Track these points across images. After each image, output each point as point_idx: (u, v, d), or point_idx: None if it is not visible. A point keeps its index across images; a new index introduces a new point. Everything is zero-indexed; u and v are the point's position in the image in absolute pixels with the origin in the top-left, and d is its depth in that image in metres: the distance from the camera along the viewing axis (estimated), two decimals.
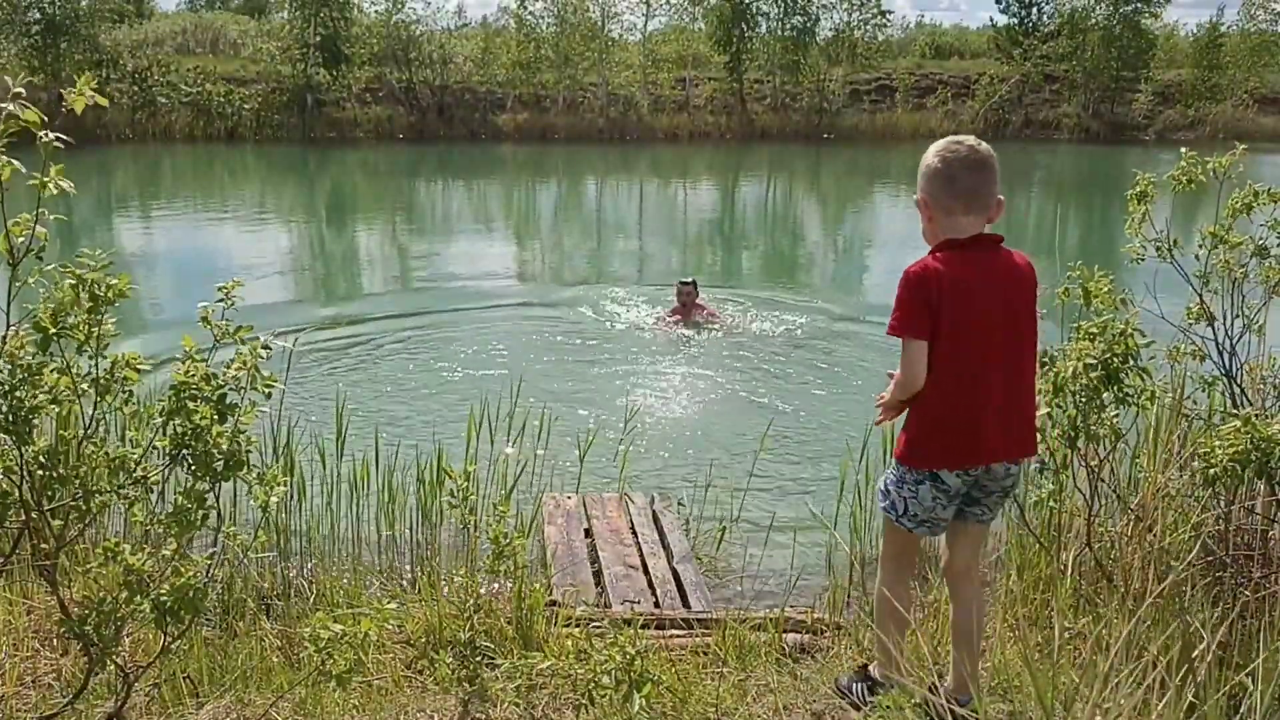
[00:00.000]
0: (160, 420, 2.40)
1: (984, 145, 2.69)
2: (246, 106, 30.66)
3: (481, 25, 40.21)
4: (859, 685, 3.09)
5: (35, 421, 2.30)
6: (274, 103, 31.22)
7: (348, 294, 11.83)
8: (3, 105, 2.07)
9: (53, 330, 2.25)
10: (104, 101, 2.25)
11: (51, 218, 2.23)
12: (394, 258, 14.95)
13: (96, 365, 2.35)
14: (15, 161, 2.15)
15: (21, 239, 2.18)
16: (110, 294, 2.30)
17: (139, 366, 2.39)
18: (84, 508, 2.37)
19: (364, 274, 13.58)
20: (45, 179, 2.16)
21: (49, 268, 2.27)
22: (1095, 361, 2.99)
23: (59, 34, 29.21)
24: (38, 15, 29.30)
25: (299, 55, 31.74)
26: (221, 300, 2.49)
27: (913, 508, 2.77)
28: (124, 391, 2.41)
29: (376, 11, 34.15)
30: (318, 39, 31.54)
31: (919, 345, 2.58)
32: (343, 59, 32.08)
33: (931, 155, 2.72)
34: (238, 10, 45.82)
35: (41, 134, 2.10)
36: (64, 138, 2.14)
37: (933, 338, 2.59)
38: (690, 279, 9.98)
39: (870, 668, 3.14)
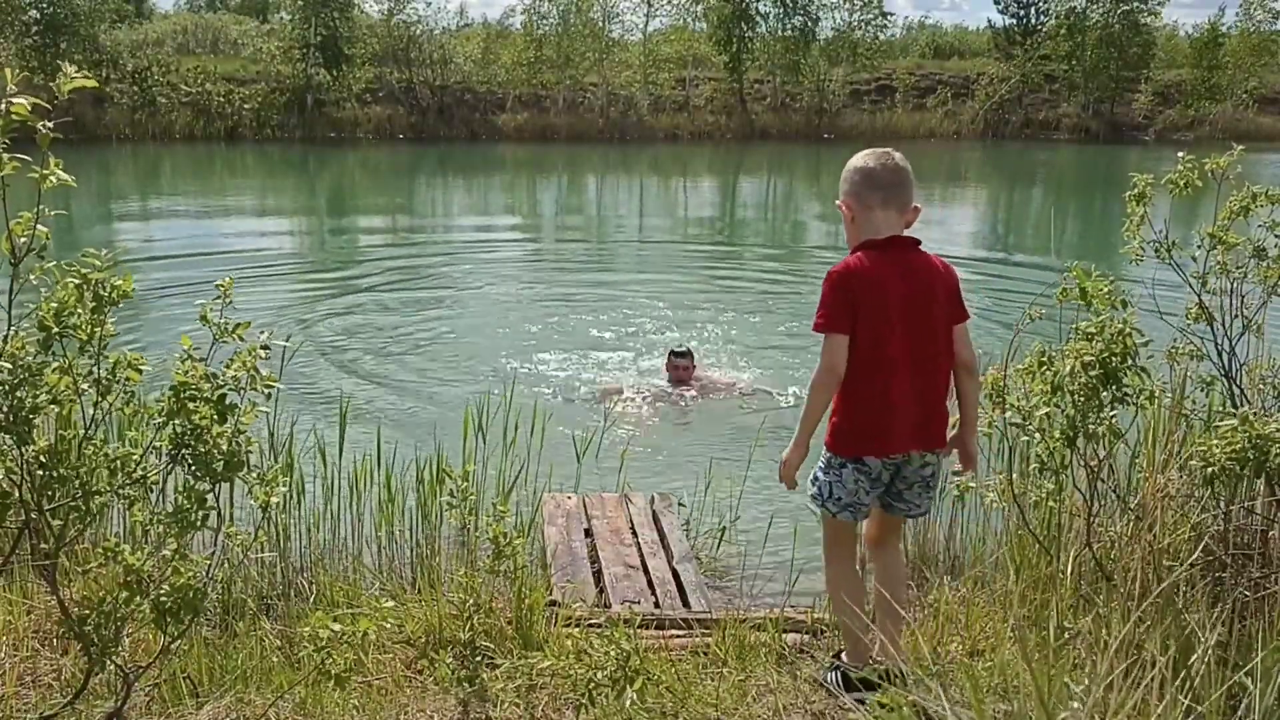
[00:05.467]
0: (160, 420, 2.40)
1: (900, 155, 2.92)
2: (246, 106, 30.68)
3: (483, 25, 40.28)
4: (833, 675, 3.18)
5: (36, 421, 2.30)
6: (274, 103, 31.25)
7: (345, 293, 11.81)
8: (14, 100, 2.07)
9: (55, 329, 2.25)
10: (92, 83, 2.25)
11: (52, 214, 2.22)
12: (392, 256, 14.93)
13: (98, 365, 2.35)
14: (22, 157, 2.15)
15: (24, 238, 2.18)
16: (114, 295, 2.31)
17: (140, 366, 2.39)
18: (84, 508, 2.37)
19: (361, 273, 13.56)
20: (45, 172, 2.16)
21: (50, 264, 2.27)
22: (1093, 360, 2.99)
23: (58, 34, 29.22)
24: (36, 15, 29.30)
25: (299, 55, 31.77)
26: (219, 298, 2.49)
27: (837, 491, 2.97)
28: (125, 392, 2.40)
29: (377, 11, 34.22)
30: (318, 39, 31.55)
31: (841, 339, 2.78)
32: (343, 59, 32.10)
33: (853, 160, 2.95)
34: (238, 10, 45.83)
35: (40, 124, 2.10)
36: (50, 128, 2.13)
37: (852, 331, 2.78)
38: (684, 348, 8.05)
39: (842, 655, 3.22)
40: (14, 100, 2.07)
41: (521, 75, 34.61)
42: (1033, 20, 39.25)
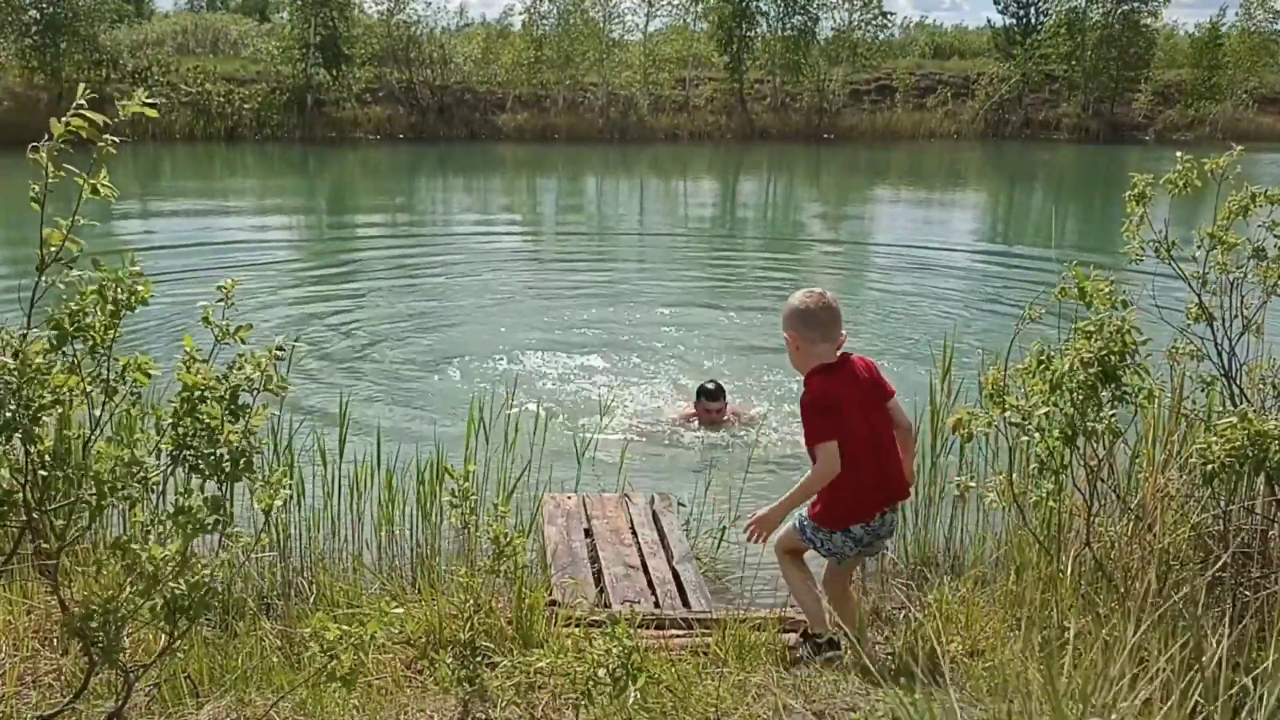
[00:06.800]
0: (170, 421, 2.40)
1: (831, 295, 3.57)
2: (246, 106, 30.67)
3: (482, 25, 40.30)
4: (804, 647, 3.64)
5: (45, 420, 2.31)
6: (274, 103, 31.25)
7: (345, 292, 11.81)
8: (88, 113, 2.09)
9: (71, 328, 2.27)
10: (153, 113, 2.28)
11: (83, 222, 2.25)
12: (392, 255, 14.94)
13: (109, 367, 2.36)
14: (71, 168, 2.18)
15: (54, 247, 2.21)
16: (132, 301, 2.32)
17: (150, 370, 2.40)
18: (94, 504, 2.37)
19: (361, 272, 13.57)
20: (92, 182, 2.19)
21: (75, 275, 2.29)
22: (1092, 358, 2.99)
23: (58, 33, 29.21)
24: (36, 15, 29.28)
25: (299, 55, 31.77)
26: (221, 300, 2.49)
27: (828, 546, 3.62)
28: (132, 394, 2.41)
29: (377, 12, 34.23)
30: (318, 39, 31.54)
31: (833, 445, 3.41)
32: (343, 59, 32.10)
33: (796, 301, 3.55)
34: (238, 10, 45.85)
35: (104, 139, 2.13)
36: (114, 142, 2.14)
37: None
38: (714, 385, 6.95)
39: (808, 629, 3.71)
40: (82, 113, 2.09)
41: (521, 75, 34.60)
42: (1033, 20, 39.26)
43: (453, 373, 8.39)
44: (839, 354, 3.56)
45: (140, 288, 2.35)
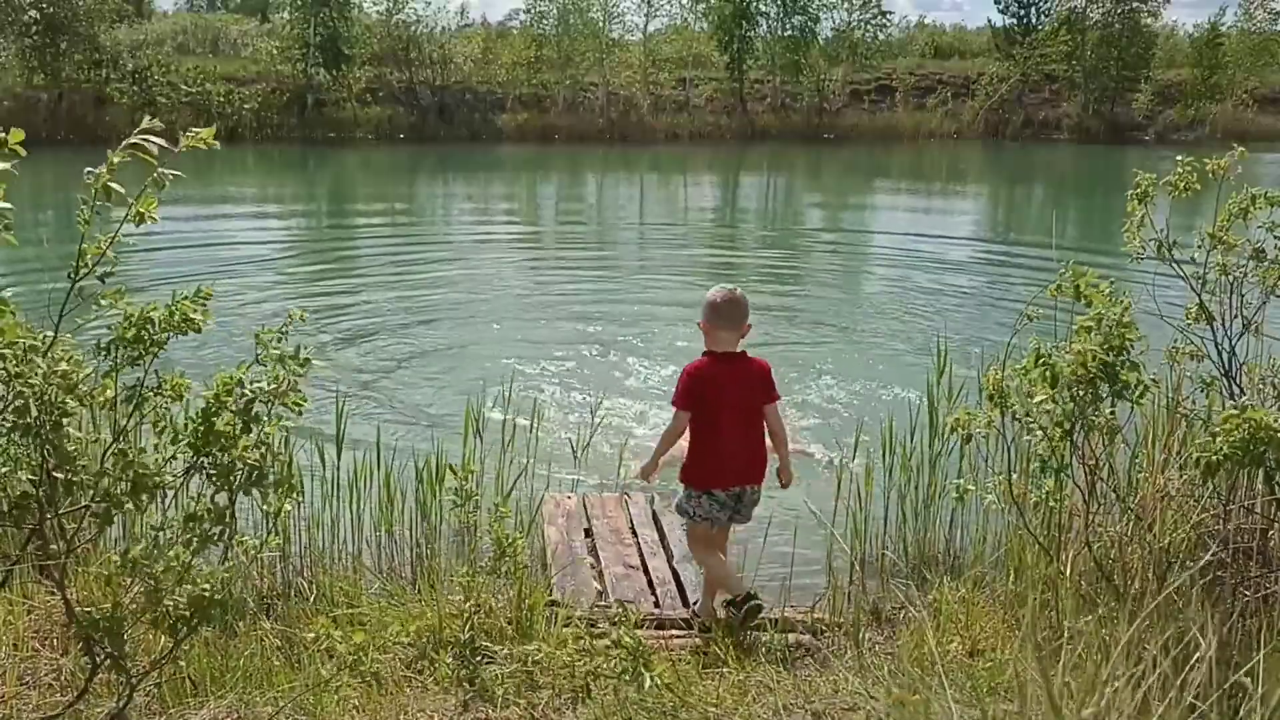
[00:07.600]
0: (187, 440, 2.42)
1: (739, 291, 4.13)
2: (246, 106, 30.66)
3: (482, 26, 40.31)
4: (729, 610, 3.98)
5: (68, 423, 2.32)
6: (274, 103, 31.23)
7: (342, 292, 11.81)
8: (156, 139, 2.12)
9: (131, 338, 2.30)
10: (213, 144, 2.32)
11: (123, 237, 2.29)
12: (391, 256, 14.95)
13: (143, 381, 2.42)
14: (116, 187, 2.21)
15: (92, 258, 2.27)
16: (188, 328, 2.42)
17: (183, 392, 2.43)
18: (110, 509, 2.37)
19: (360, 272, 13.56)
20: (140, 210, 2.30)
21: (115, 288, 2.32)
22: (1092, 353, 2.98)
23: (58, 34, 29.17)
24: (36, 15, 29.23)
25: (299, 55, 31.76)
26: (284, 327, 2.54)
27: (699, 510, 4.11)
28: (162, 410, 2.44)
29: (377, 12, 34.20)
30: (318, 39, 31.54)
31: (685, 414, 4.05)
32: (343, 59, 32.09)
33: (709, 294, 4.10)
34: (237, 10, 45.86)
35: (159, 171, 2.16)
36: (170, 176, 2.13)
37: (697, 409, 4.03)
38: None
39: (728, 600, 4.06)
40: (150, 140, 2.12)
41: (521, 75, 34.59)
42: (1033, 20, 39.24)
43: (453, 372, 8.38)
44: (740, 350, 4.12)
45: (197, 315, 2.44)
